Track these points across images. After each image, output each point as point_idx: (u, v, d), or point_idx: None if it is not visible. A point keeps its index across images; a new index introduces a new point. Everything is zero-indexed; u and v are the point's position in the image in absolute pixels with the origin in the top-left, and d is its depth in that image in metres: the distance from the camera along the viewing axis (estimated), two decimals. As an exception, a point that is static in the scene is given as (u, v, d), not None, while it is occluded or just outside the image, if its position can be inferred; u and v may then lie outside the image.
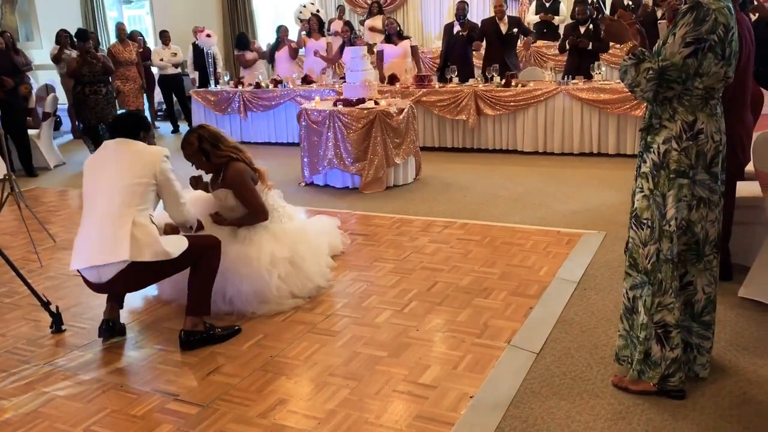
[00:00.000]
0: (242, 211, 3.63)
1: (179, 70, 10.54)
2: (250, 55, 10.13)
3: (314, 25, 9.72)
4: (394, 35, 8.56)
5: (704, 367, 2.66)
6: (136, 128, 3.28)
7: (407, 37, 8.86)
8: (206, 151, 3.55)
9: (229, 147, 3.62)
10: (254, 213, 3.62)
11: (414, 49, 8.71)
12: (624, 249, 2.69)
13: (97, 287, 3.17)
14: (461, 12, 8.41)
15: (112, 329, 3.32)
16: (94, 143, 8.01)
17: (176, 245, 3.13)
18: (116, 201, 3.07)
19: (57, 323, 3.49)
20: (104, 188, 3.12)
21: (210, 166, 3.63)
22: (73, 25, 10.56)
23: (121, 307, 3.44)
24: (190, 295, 3.23)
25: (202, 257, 3.22)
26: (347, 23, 9.51)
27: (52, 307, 3.50)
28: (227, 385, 2.87)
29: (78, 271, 3.17)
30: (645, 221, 2.51)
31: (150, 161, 3.16)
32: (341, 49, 9.15)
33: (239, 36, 10.78)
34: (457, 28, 8.39)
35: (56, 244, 4.99)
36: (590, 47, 7.50)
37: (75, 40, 9.76)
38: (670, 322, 2.51)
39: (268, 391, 2.80)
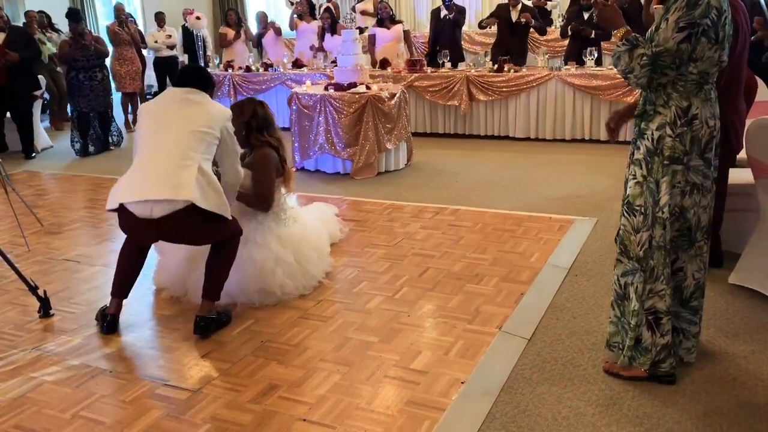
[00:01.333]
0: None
1: (174, 52, 10.34)
2: (231, 35, 9.77)
3: (305, 9, 9.61)
4: (386, 19, 8.48)
5: (689, 352, 2.67)
6: (207, 83, 3.24)
7: (399, 21, 8.78)
8: (251, 127, 3.56)
9: (273, 136, 3.64)
10: (262, 199, 3.55)
11: (406, 34, 8.64)
12: (615, 237, 2.69)
13: (139, 226, 3.05)
14: None
15: (114, 324, 3.26)
16: (81, 133, 7.69)
17: (229, 208, 3.15)
18: (183, 143, 3.04)
19: (45, 308, 3.46)
20: (172, 129, 3.07)
21: (244, 141, 3.59)
22: (60, 8, 10.38)
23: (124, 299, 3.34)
24: (210, 278, 3.20)
25: (233, 239, 3.23)
26: (327, 9, 9.36)
27: (40, 292, 3.46)
28: (218, 370, 2.86)
29: (121, 208, 3.03)
30: (638, 208, 2.50)
31: (219, 115, 3.16)
32: (322, 35, 9.04)
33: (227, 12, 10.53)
34: (444, 12, 8.33)
35: (44, 228, 4.94)
36: (593, 35, 7.44)
37: (41, 21, 9.58)
38: (661, 308, 2.51)
39: (259, 377, 2.79)
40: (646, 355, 2.56)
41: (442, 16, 8.34)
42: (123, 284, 3.28)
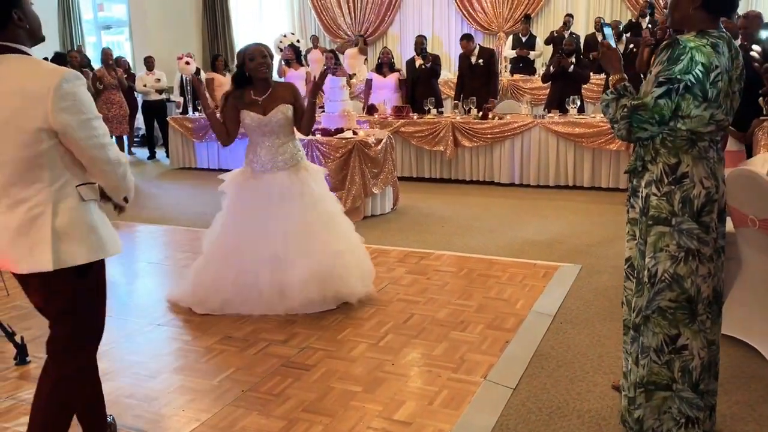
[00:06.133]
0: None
1: (163, 96, 10.44)
2: (217, 81, 9.49)
3: (290, 55, 9.77)
4: (385, 66, 8.63)
5: None
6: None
7: (397, 70, 8.94)
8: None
9: None
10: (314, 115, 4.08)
11: (402, 83, 8.77)
12: (621, 301, 2.58)
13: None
14: (419, 46, 8.59)
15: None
16: None
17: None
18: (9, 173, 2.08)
19: (21, 355, 3.38)
20: None
21: (265, 79, 3.93)
22: (52, 51, 10.49)
23: None
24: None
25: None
26: (332, 51, 9.52)
27: (17, 338, 3.39)
28: (197, 420, 2.79)
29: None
30: (635, 270, 2.39)
31: (44, 87, 1.99)
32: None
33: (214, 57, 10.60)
34: (419, 62, 8.52)
35: (24, 272, 4.86)
36: (571, 69, 7.62)
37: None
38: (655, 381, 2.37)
39: (239, 428, 2.73)
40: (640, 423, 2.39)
41: (417, 65, 8.55)
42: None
